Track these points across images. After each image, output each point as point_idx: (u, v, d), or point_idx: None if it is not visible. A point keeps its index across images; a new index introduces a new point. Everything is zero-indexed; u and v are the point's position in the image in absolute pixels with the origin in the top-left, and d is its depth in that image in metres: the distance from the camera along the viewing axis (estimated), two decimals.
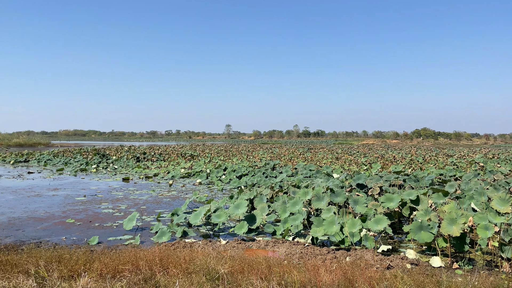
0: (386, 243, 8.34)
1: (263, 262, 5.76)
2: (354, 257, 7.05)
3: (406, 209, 9.70)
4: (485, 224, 7.06)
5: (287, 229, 8.92)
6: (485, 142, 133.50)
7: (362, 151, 47.79)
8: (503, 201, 8.25)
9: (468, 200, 9.96)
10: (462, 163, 26.26)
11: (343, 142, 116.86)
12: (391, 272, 5.47)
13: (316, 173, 18.31)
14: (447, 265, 6.76)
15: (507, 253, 6.93)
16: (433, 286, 4.69)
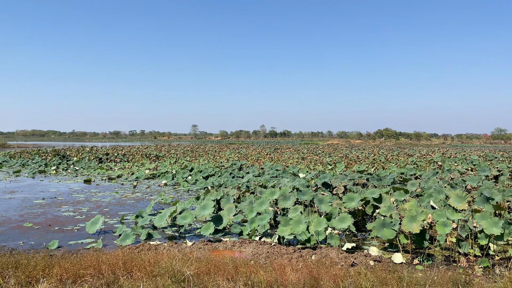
0: (350, 241, 8.53)
1: (230, 263, 5.74)
2: (320, 255, 7.16)
3: (369, 207, 9.96)
4: (443, 221, 7.35)
5: (254, 229, 8.93)
6: (443, 142, 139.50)
7: (327, 151, 48.65)
8: (460, 198, 8.64)
9: (427, 198, 10.34)
10: (422, 162, 27.28)
11: (308, 142, 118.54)
12: (355, 269, 5.59)
13: (283, 173, 18.47)
14: (408, 261, 6.99)
15: (464, 248, 7.26)
16: (395, 282, 4.83)
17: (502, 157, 34.12)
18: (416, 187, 12.60)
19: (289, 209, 10.21)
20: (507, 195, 10.28)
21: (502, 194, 10.24)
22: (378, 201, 9.81)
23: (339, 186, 12.16)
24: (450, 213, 7.92)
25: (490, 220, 7.19)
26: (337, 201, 9.88)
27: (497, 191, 10.50)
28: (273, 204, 10.75)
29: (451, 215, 7.84)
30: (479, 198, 9.74)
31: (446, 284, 5.01)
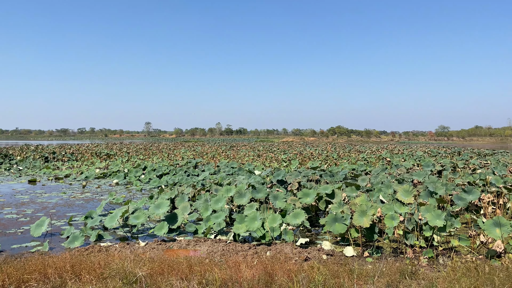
0: (304, 236, 8.69)
1: (184, 262, 5.65)
2: (275, 251, 7.23)
3: (322, 203, 10.20)
4: (391, 214, 7.68)
5: (209, 227, 8.86)
6: (392, 139, 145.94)
7: (282, 148, 49.28)
8: (406, 192, 9.06)
9: (377, 193, 10.75)
10: (372, 158, 28.36)
11: (264, 140, 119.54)
12: (308, 264, 5.69)
13: (238, 170, 18.48)
14: (359, 254, 7.23)
15: (410, 240, 7.63)
16: (346, 275, 4.98)
17: (445, 153, 36.21)
18: (367, 183, 13.08)
19: (244, 207, 10.23)
20: (450, 189, 10.92)
21: (445, 188, 10.86)
22: (331, 196, 10.07)
23: (293, 183, 12.35)
24: (397, 207, 8.28)
25: (434, 212, 7.60)
26: (291, 198, 10.03)
27: (440, 185, 11.12)
28: (228, 202, 10.72)
29: (398, 208, 8.21)
30: (424, 192, 10.27)
31: (394, 275, 5.23)
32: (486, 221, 7.35)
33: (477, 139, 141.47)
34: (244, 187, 11.14)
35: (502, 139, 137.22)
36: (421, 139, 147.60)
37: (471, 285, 4.57)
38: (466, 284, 4.60)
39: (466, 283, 4.63)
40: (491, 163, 22.25)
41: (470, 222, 9.49)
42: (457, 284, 4.63)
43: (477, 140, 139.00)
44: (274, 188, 11.76)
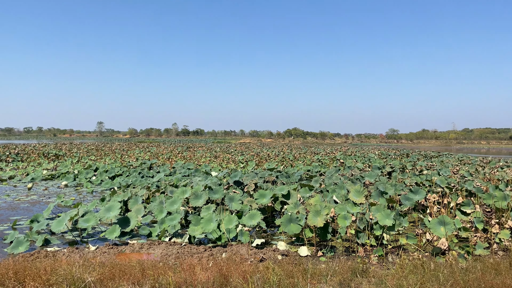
0: (260, 237, 8.73)
1: (137, 266, 5.49)
2: (230, 252, 7.20)
3: (278, 204, 10.31)
4: (344, 214, 7.89)
5: (163, 229, 8.68)
6: (345, 141, 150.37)
7: (239, 149, 49.32)
8: (358, 193, 9.35)
9: (330, 193, 11.01)
10: (326, 160, 29.06)
11: (221, 141, 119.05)
12: (264, 264, 5.72)
13: (195, 171, 18.26)
14: (313, 254, 7.36)
15: (362, 239, 7.88)
16: (300, 274, 5.05)
17: (395, 155, 37.80)
18: (321, 183, 13.37)
19: (201, 208, 10.12)
20: (399, 189, 11.41)
21: (394, 188, 11.34)
22: (287, 197, 10.20)
23: (250, 184, 12.38)
24: (350, 207, 8.53)
25: (384, 212, 7.91)
26: (248, 199, 10.04)
27: (390, 185, 11.60)
28: (184, 204, 10.56)
29: (351, 208, 8.46)
30: (375, 192, 10.65)
31: (346, 273, 5.37)
32: (432, 220, 7.73)
33: (424, 142, 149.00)
34: (200, 188, 11.03)
35: (447, 142, 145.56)
36: (373, 141, 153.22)
37: (418, 281, 4.79)
38: (413, 281, 4.81)
39: (413, 280, 4.84)
40: (436, 164, 23.50)
41: (417, 221, 9.95)
42: (405, 281, 4.83)
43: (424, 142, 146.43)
44: (230, 189, 11.73)
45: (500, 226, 8.78)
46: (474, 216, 8.89)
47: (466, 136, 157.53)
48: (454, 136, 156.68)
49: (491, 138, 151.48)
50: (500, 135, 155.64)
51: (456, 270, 5.28)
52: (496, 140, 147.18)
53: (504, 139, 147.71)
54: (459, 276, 4.89)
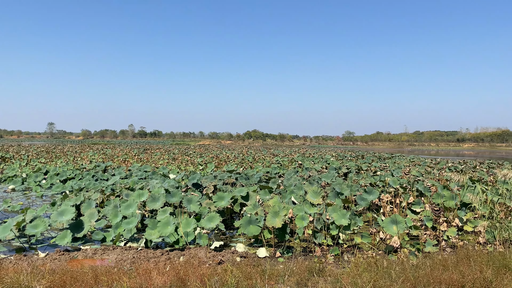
0: (218, 239, 8.67)
1: (89, 272, 5.28)
2: (188, 256, 7.10)
3: (237, 206, 10.30)
4: (301, 215, 8.02)
5: (118, 234, 8.41)
6: (303, 143, 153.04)
7: (198, 151, 48.88)
8: (315, 193, 9.54)
9: (289, 194, 11.15)
10: (285, 161, 29.41)
11: (180, 143, 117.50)
12: (222, 267, 5.69)
13: (152, 174, 17.85)
14: (271, 255, 7.41)
15: (319, 239, 8.04)
16: (258, 276, 5.07)
17: (351, 156, 38.94)
18: (280, 185, 13.51)
19: (158, 211, 9.90)
20: (354, 190, 11.74)
21: (350, 189, 11.66)
22: (246, 199, 10.21)
23: (209, 186, 12.30)
24: (307, 208, 8.68)
25: (340, 212, 8.11)
26: (206, 201, 9.96)
27: (346, 186, 11.92)
28: (141, 207, 10.30)
29: (308, 209, 8.60)
30: (332, 193, 10.91)
31: (303, 273, 5.45)
32: (385, 219, 8.02)
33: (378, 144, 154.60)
34: (157, 191, 10.80)
35: (399, 144, 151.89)
36: (330, 143, 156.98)
37: (371, 279, 4.94)
38: (367, 279, 4.96)
39: (367, 277, 4.99)
40: (389, 166, 24.43)
41: (371, 220, 10.28)
42: (359, 279, 4.97)
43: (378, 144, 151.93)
44: (189, 192, 11.58)
45: (448, 224, 9.26)
46: (424, 215, 9.32)
47: (417, 138, 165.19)
48: (406, 138, 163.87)
49: (440, 140, 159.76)
50: (448, 138, 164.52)
51: (407, 267, 5.50)
52: (445, 142, 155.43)
53: (452, 141, 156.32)
54: (409, 273, 5.10)
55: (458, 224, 9.08)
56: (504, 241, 7.62)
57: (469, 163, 29.68)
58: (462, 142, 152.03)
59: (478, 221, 9.07)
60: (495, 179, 15.54)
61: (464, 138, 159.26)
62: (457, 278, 4.77)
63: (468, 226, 9.09)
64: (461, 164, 28.79)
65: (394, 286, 4.73)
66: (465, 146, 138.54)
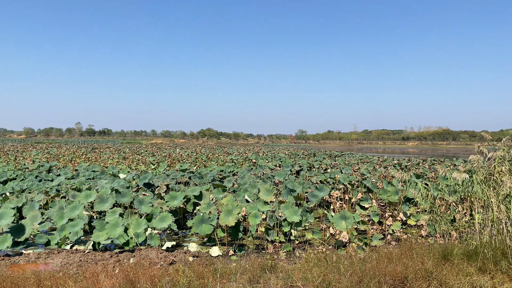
0: (171, 239, 8.55)
1: (32, 278, 5.01)
2: (139, 257, 6.93)
3: (190, 205, 10.19)
4: (255, 213, 8.08)
5: (64, 237, 8.03)
6: (258, 141, 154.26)
7: (150, 150, 47.78)
8: (268, 191, 9.64)
9: (243, 193, 11.18)
10: (239, 160, 29.49)
11: (131, 142, 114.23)
12: (174, 267, 5.61)
13: (101, 174, 17.21)
14: (224, 253, 7.41)
15: (271, 236, 8.14)
16: (210, 275, 5.05)
17: (303, 154, 39.75)
18: (233, 183, 13.53)
19: (106, 212, 9.57)
20: (306, 187, 12.00)
21: (302, 186, 11.91)
22: (199, 198, 10.12)
23: (161, 186, 12.07)
24: (260, 206, 8.76)
25: (292, 209, 8.26)
26: (158, 201, 9.76)
27: (298, 184, 12.15)
28: (88, 209, 9.91)
29: (261, 207, 8.69)
30: (284, 190, 11.08)
31: (255, 270, 5.50)
32: (335, 215, 8.28)
33: (329, 142, 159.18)
34: (106, 191, 10.44)
35: (349, 142, 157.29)
36: (283, 142, 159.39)
37: (321, 273, 5.09)
38: (317, 273, 5.10)
39: (317, 272, 5.13)
40: (339, 163, 25.23)
41: (322, 216, 10.56)
42: (310, 274, 5.10)
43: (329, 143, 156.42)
44: (140, 192, 11.30)
45: (393, 218, 9.73)
46: (371, 210, 9.71)
47: (365, 137, 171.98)
48: (355, 137, 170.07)
49: (387, 138, 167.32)
50: (394, 136, 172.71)
51: (355, 261, 5.71)
52: (391, 140, 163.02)
53: (398, 140, 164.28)
54: (357, 266, 5.30)
55: (403, 218, 9.57)
56: (443, 233, 8.11)
57: (413, 160, 31.31)
58: (407, 141, 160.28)
59: (420, 215, 9.59)
60: (436, 175, 16.51)
61: (409, 136, 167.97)
62: (401, 270, 5.02)
63: (412, 220, 9.60)
64: (406, 161, 30.31)
65: (342, 279, 4.90)
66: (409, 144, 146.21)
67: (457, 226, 8.12)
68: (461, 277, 4.69)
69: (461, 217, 8.63)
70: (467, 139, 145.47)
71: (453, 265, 5.25)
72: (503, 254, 5.53)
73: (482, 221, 6.61)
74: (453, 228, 8.20)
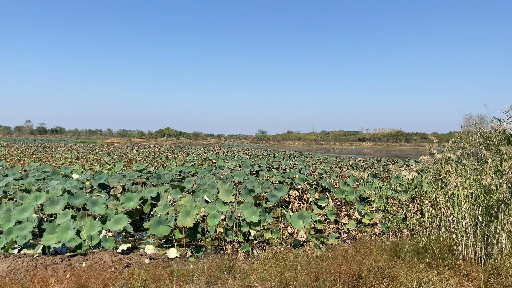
0: (127, 241, 8.32)
1: None
2: (92, 261, 6.69)
3: (148, 206, 9.97)
4: (214, 213, 8.04)
5: (11, 241, 7.60)
6: (218, 141, 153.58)
7: (106, 150, 46.29)
8: (227, 192, 9.61)
9: (202, 193, 11.08)
10: (199, 160, 29.22)
11: (86, 141, 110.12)
12: (129, 270, 5.46)
13: (52, 174, 16.45)
14: (182, 255, 7.31)
15: (230, 237, 8.13)
16: (167, 277, 4.96)
17: (263, 155, 40.03)
18: (193, 184, 13.38)
19: (58, 215, 9.16)
20: (265, 187, 12.09)
21: (261, 186, 11.98)
22: (156, 199, 9.92)
23: (117, 186, 11.73)
24: (219, 206, 8.72)
25: (251, 209, 8.29)
26: (113, 202, 9.47)
27: (257, 184, 12.22)
28: (38, 211, 9.44)
29: (220, 207, 8.65)
30: (244, 190, 11.10)
31: (213, 272, 5.46)
32: (293, 215, 8.40)
33: (289, 143, 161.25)
34: (58, 193, 10.01)
35: (308, 143, 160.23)
36: (244, 142, 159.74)
37: (278, 273, 5.14)
38: (275, 273, 5.14)
39: (275, 272, 5.18)
40: (298, 163, 25.63)
41: (281, 216, 10.69)
42: (267, 274, 5.14)
43: (289, 143, 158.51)
44: (94, 193, 10.91)
45: (348, 217, 10.01)
46: (328, 209, 9.94)
47: (324, 138, 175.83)
48: (314, 138, 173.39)
49: (344, 139, 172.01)
50: (351, 137, 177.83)
51: (311, 260, 5.82)
52: (348, 141, 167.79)
53: (354, 141, 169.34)
54: (313, 265, 5.40)
55: (358, 217, 9.88)
56: (396, 231, 8.45)
57: (368, 161, 32.39)
58: (363, 142, 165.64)
59: (374, 214, 9.95)
60: (389, 175, 17.17)
61: (364, 138, 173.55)
62: (355, 267, 5.17)
63: (366, 218, 9.93)
64: (361, 161, 31.29)
65: (299, 278, 4.97)
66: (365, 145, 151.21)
67: (409, 224, 8.47)
68: (411, 273, 4.90)
69: (412, 215, 9.03)
70: (418, 140, 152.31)
71: (404, 262, 5.47)
72: (450, 250, 5.84)
73: (431, 219, 6.95)
74: (404, 226, 8.56)
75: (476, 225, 5.61)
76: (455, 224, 6.18)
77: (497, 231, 5.41)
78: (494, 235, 5.45)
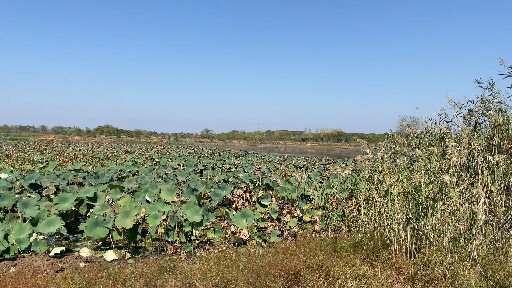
0: (60, 244, 7.87)
1: None
2: (21, 266, 6.25)
3: (84, 207, 9.52)
4: (154, 214, 7.83)
5: None
6: (161, 140, 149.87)
7: (39, 147, 43.48)
8: (170, 191, 9.43)
9: (143, 193, 10.77)
10: (141, 159, 28.35)
11: (16, 138, 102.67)
12: (61, 275, 5.17)
13: None
14: (121, 257, 7.05)
15: (172, 237, 7.97)
16: (103, 280, 4.75)
17: (208, 154, 39.75)
18: (134, 183, 12.96)
19: None
20: (209, 186, 12.01)
21: (205, 185, 11.88)
22: (93, 200, 9.49)
23: (50, 187, 11.05)
24: (161, 206, 8.53)
25: (193, 209, 8.19)
26: (46, 203, 8.91)
27: (201, 183, 12.10)
28: None
29: (162, 207, 8.46)
30: (187, 190, 10.95)
31: (153, 273, 5.33)
32: (236, 214, 8.42)
33: (234, 142, 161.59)
34: None
35: (253, 142, 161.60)
36: (188, 141, 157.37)
37: (220, 272, 5.12)
38: (216, 272, 5.12)
39: (216, 271, 5.16)
40: (243, 162, 25.76)
41: (224, 215, 10.68)
42: (209, 273, 5.10)
43: (234, 142, 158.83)
44: (25, 194, 10.20)
45: (290, 215, 10.22)
46: (270, 207, 10.09)
47: (268, 137, 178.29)
48: (259, 137, 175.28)
49: (288, 139, 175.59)
50: (294, 137, 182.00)
51: (253, 258, 5.87)
52: (292, 141, 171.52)
53: (298, 140, 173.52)
54: (255, 263, 5.45)
55: (299, 214, 10.12)
56: (335, 228, 8.78)
57: (310, 160, 33.32)
58: (306, 141, 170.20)
59: (314, 211, 10.25)
60: (329, 174, 17.79)
61: (307, 137, 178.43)
62: (295, 264, 5.30)
63: (307, 216, 10.21)
64: (304, 160, 32.13)
65: (240, 276, 4.99)
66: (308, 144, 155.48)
67: (347, 221, 8.83)
68: (347, 268, 5.11)
69: (350, 213, 9.43)
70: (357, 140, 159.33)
71: (341, 257, 5.70)
72: (383, 245, 6.17)
73: (367, 215, 7.30)
74: (343, 223, 8.92)
75: (408, 221, 5.98)
76: (389, 220, 6.54)
77: (426, 227, 5.80)
78: (423, 230, 5.84)
